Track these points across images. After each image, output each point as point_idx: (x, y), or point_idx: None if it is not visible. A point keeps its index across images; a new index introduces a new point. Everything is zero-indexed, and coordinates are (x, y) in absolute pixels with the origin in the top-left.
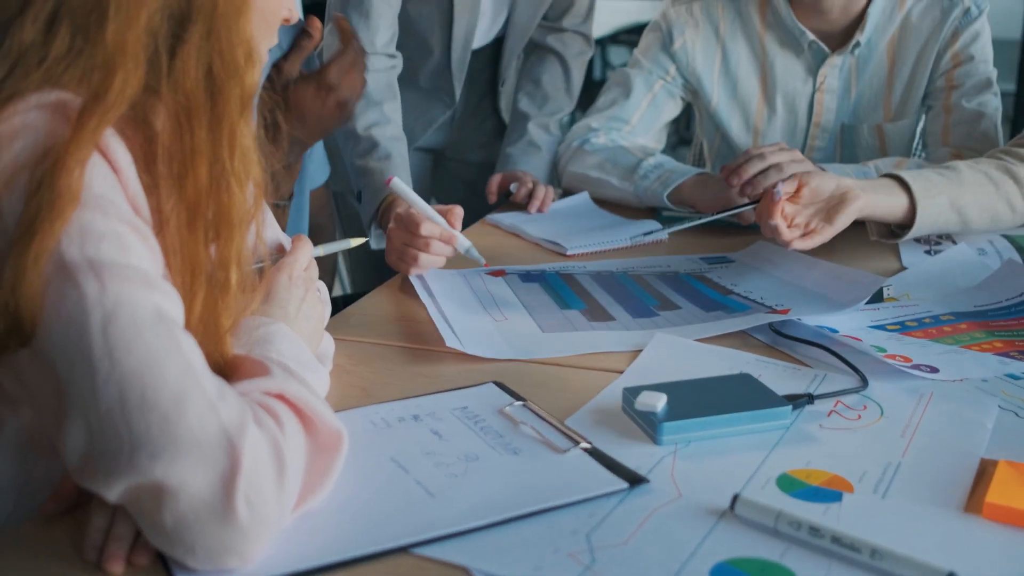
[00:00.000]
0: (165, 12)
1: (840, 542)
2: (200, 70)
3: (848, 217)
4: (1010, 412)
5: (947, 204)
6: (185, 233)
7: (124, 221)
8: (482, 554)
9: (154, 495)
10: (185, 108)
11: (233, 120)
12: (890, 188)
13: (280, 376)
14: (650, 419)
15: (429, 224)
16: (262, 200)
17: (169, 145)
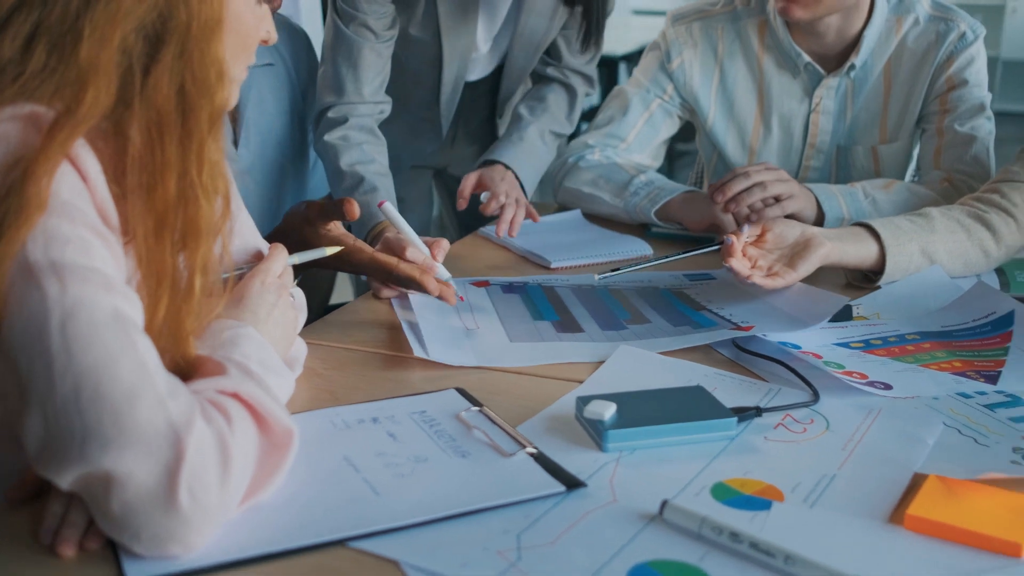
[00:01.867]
0: (140, 32)
1: (757, 547)
2: (172, 88)
3: (811, 265)
4: (954, 429)
5: (918, 251)
6: (152, 241)
7: (88, 227)
8: (414, 549)
9: (103, 484)
10: (157, 123)
11: (203, 136)
12: (859, 237)
13: (236, 376)
14: (597, 427)
15: (413, 250)
16: (229, 213)
17: (140, 157)
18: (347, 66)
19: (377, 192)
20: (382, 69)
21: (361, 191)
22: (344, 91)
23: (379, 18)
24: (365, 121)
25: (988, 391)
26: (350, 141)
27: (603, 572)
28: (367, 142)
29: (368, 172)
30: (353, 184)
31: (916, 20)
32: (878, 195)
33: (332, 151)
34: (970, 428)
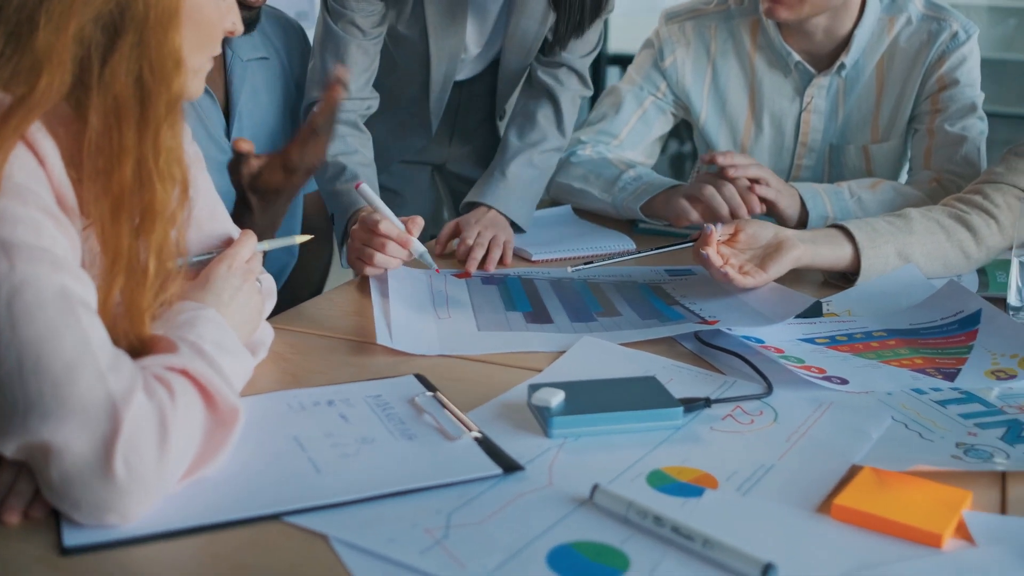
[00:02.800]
0: (98, 23)
1: (678, 531)
2: (130, 76)
3: (782, 266)
4: (901, 424)
5: (894, 252)
6: (108, 223)
7: (41, 209)
8: (344, 525)
9: (43, 453)
10: (115, 110)
11: (159, 123)
12: (834, 238)
13: (186, 355)
14: (544, 413)
15: (387, 223)
16: (187, 199)
17: (98, 142)
18: (334, 62)
19: (358, 179)
20: (369, 66)
21: (343, 180)
22: None
23: (367, 16)
24: (350, 116)
25: (943, 388)
26: (335, 133)
27: (525, 552)
28: (350, 135)
29: (350, 162)
30: (335, 173)
31: (909, 19)
32: (864, 195)
33: None
34: (917, 423)
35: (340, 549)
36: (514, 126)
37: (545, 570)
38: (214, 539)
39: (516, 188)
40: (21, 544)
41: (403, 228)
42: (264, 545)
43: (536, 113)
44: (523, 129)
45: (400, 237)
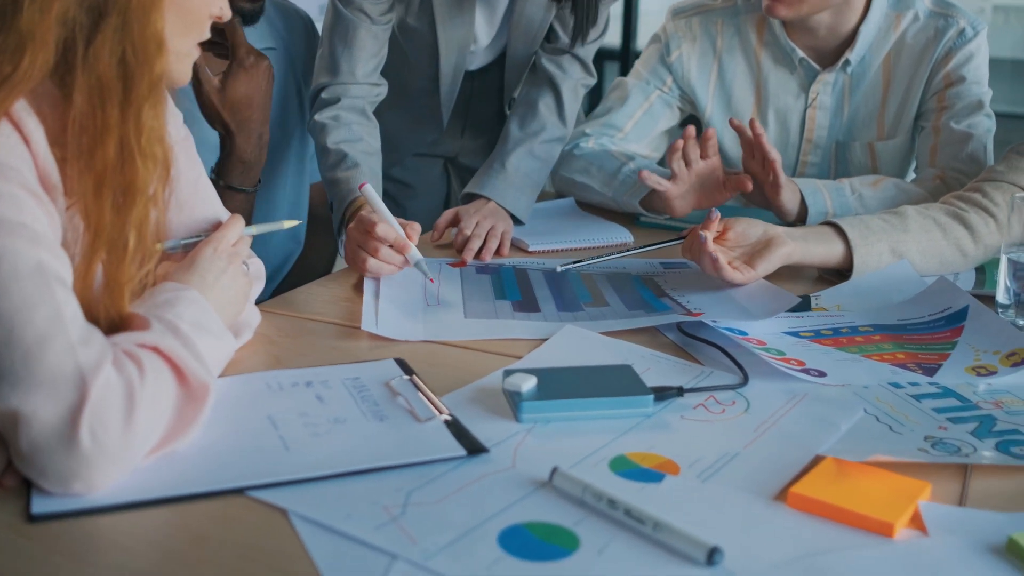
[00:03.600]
0: (83, 5)
1: (630, 514)
2: (114, 57)
3: (771, 263)
4: (873, 416)
5: (887, 250)
6: (91, 199)
7: (22, 186)
8: (304, 500)
9: (12, 421)
10: (99, 89)
11: (141, 103)
12: (825, 236)
13: (159, 332)
14: (515, 398)
15: (384, 227)
16: (168, 179)
17: (82, 120)
18: (342, 47)
19: (359, 168)
20: (377, 52)
21: (343, 167)
22: (338, 71)
23: (375, 4)
24: (357, 102)
25: (921, 382)
26: (340, 121)
27: (477, 530)
28: (356, 122)
29: (353, 150)
30: (336, 161)
31: (916, 16)
32: (866, 191)
33: (321, 129)
34: (889, 416)
35: (297, 523)
36: (516, 116)
37: (495, 548)
38: (178, 510)
39: (515, 180)
40: None
41: (402, 233)
42: (225, 518)
43: (538, 102)
44: (524, 119)
45: (398, 242)
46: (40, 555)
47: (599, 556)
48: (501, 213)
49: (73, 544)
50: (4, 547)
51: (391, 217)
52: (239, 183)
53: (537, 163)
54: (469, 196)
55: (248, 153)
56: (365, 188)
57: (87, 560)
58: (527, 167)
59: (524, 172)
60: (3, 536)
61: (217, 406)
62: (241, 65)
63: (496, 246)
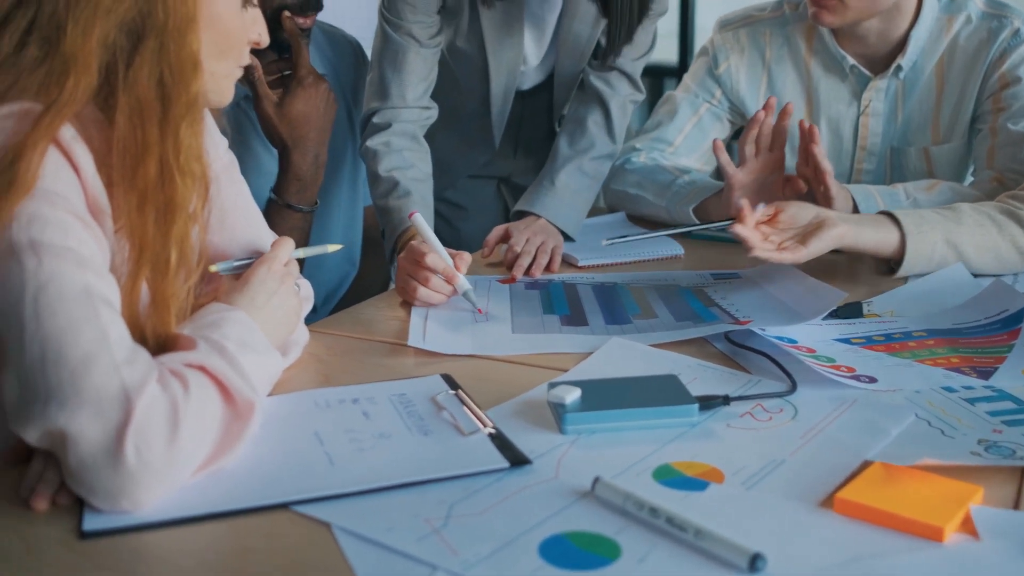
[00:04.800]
0: (123, 28)
1: (672, 522)
2: (152, 78)
3: (823, 243)
4: (924, 421)
5: (941, 240)
6: (135, 216)
7: (70, 212)
8: (348, 514)
9: (61, 440)
10: (138, 110)
11: (179, 122)
12: (879, 222)
13: (204, 352)
14: (558, 410)
15: (434, 257)
16: (207, 197)
17: (124, 141)
18: (392, 71)
19: (411, 197)
20: (427, 75)
21: (395, 195)
22: (388, 96)
23: (425, 27)
24: (408, 127)
25: (976, 386)
26: (391, 147)
27: (519, 541)
28: (408, 148)
29: (404, 177)
30: (388, 189)
31: (968, 18)
32: (920, 196)
33: (373, 156)
34: (941, 420)
35: (340, 536)
36: (565, 133)
37: (535, 559)
38: (224, 526)
39: (565, 197)
40: (45, 528)
41: (451, 262)
42: (270, 532)
43: (586, 119)
44: (573, 136)
45: (446, 271)
46: (90, 571)
47: (640, 564)
48: (551, 230)
49: (122, 560)
50: (56, 563)
51: (440, 247)
52: (296, 201)
53: (587, 180)
54: (520, 213)
55: (304, 171)
56: (415, 217)
57: (136, 575)
58: (577, 184)
59: (574, 189)
60: (56, 552)
61: (264, 424)
62: (300, 84)
63: (546, 262)
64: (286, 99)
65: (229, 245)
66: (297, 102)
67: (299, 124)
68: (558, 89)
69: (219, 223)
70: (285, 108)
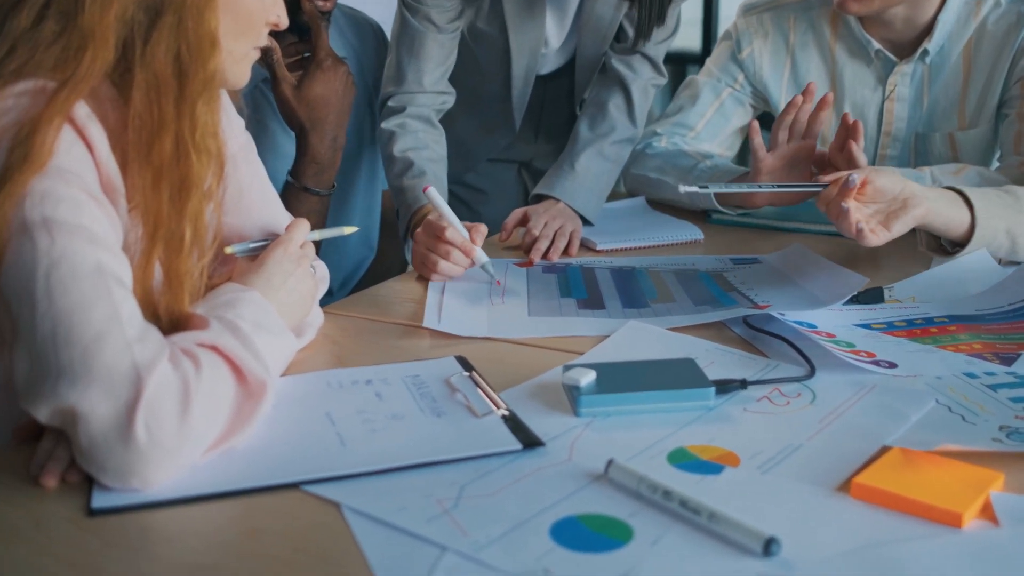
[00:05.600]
0: (141, 4)
1: (686, 505)
2: (169, 54)
3: (906, 224)
4: (945, 407)
5: (1003, 229)
6: (149, 194)
7: (83, 190)
8: (358, 494)
9: (71, 418)
10: (155, 86)
11: (195, 99)
12: (954, 201)
13: (217, 331)
14: (573, 392)
15: (453, 231)
16: (222, 175)
17: (140, 117)
18: (409, 56)
19: (425, 176)
20: (444, 60)
21: (410, 175)
22: (405, 80)
23: (443, 11)
24: (423, 111)
25: (998, 372)
26: (406, 128)
27: (530, 522)
28: (423, 130)
29: (419, 158)
30: (403, 169)
31: (997, 2)
32: (947, 180)
33: (388, 138)
34: (962, 406)
35: (350, 516)
36: (586, 116)
37: (546, 540)
38: (233, 504)
39: (585, 181)
40: (55, 505)
41: (466, 235)
42: (279, 511)
43: (607, 103)
44: (594, 120)
45: (464, 245)
46: (99, 549)
47: (653, 547)
48: (570, 213)
49: (131, 538)
50: (65, 540)
51: (456, 220)
52: (313, 184)
53: (607, 164)
54: (539, 197)
55: (322, 154)
56: (429, 191)
57: (144, 553)
58: (597, 168)
59: (594, 173)
60: (64, 530)
61: (277, 404)
62: (319, 66)
63: (564, 246)
64: (304, 81)
65: (245, 226)
66: (316, 84)
67: (317, 106)
68: (580, 73)
69: (235, 203)
70: (303, 90)
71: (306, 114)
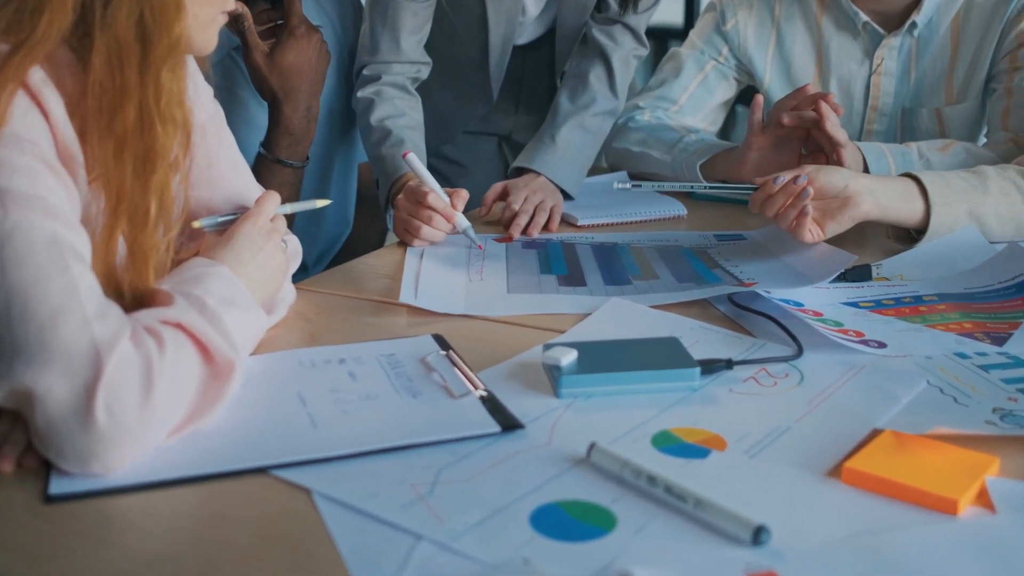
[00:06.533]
0: None
1: (671, 491)
2: (132, 18)
3: (841, 224)
4: (936, 388)
5: (965, 212)
6: (112, 165)
7: (39, 159)
8: (330, 479)
9: (27, 399)
10: (116, 52)
11: (160, 65)
12: (906, 193)
13: (182, 308)
14: (553, 372)
15: (434, 196)
16: (189, 145)
17: (101, 84)
18: (383, 25)
19: (404, 145)
20: (419, 29)
21: (388, 144)
22: (379, 50)
23: None
24: (398, 79)
25: (990, 352)
26: (382, 96)
27: (509, 509)
28: (399, 97)
29: (396, 126)
30: (381, 138)
31: None
32: (933, 156)
33: (365, 107)
34: (954, 387)
35: (321, 503)
36: (566, 88)
37: (526, 528)
38: (197, 490)
39: (566, 154)
40: (10, 491)
41: (448, 201)
42: (246, 497)
43: (588, 74)
44: (574, 91)
45: (445, 211)
46: (57, 536)
47: (637, 535)
48: (550, 188)
49: (90, 525)
50: (21, 528)
51: (437, 185)
52: (287, 156)
53: (588, 136)
54: (518, 171)
55: (295, 124)
56: (409, 157)
57: (104, 541)
58: (578, 140)
59: (575, 146)
60: (20, 517)
61: (246, 384)
62: (292, 34)
63: (544, 221)
64: (277, 49)
65: (213, 199)
66: (288, 53)
67: (290, 75)
68: (560, 43)
69: (203, 175)
70: (276, 59)
71: (278, 83)
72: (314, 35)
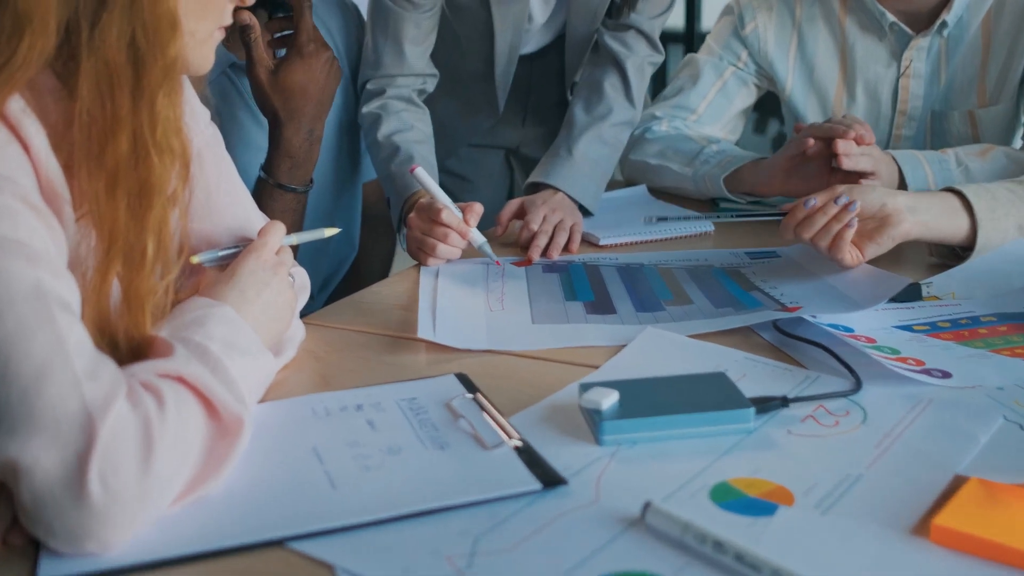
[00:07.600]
0: None
1: (742, 560)
2: (123, 39)
3: (882, 246)
4: (1015, 425)
5: (1014, 227)
6: (103, 203)
7: (20, 199)
8: (354, 552)
9: (12, 472)
10: (107, 77)
11: (155, 91)
12: (949, 208)
13: (183, 358)
14: (594, 417)
15: (448, 212)
16: (188, 176)
17: (90, 113)
18: (385, 38)
19: (412, 161)
20: (423, 40)
21: (397, 162)
22: (382, 63)
23: None
24: (403, 91)
25: None
26: (388, 110)
27: None
28: (405, 110)
29: (404, 140)
30: (390, 155)
31: None
32: (972, 163)
33: (371, 122)
34: None
35: None
36: (580, 99)
37: None
38: (206, 569)
39: (584, 167)
40: None
41: (461, 216)
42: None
43: (603, 83)
44: (589, 101)
45: (459, 227)
46: None
47: None
48: (569, 204)
49: None
50: None
51: (449, 200)
52: (288, 181)
53: (606, 148)
54: (533, 186)
55: (296, 147)
56: (417, 171)
57: None
58: (596, 153)
59: (593, 159)
60: None
61: (255, 438)
62: (299, 53)
63: (564, 241)
64: (283, 66)
65: (213, 231)
66: (295, 72)
67: (294, 96)
68: (570, 51)
69: (202, 207)
70: (280, 76)
71: (281, 103)
72: (324, 53)
